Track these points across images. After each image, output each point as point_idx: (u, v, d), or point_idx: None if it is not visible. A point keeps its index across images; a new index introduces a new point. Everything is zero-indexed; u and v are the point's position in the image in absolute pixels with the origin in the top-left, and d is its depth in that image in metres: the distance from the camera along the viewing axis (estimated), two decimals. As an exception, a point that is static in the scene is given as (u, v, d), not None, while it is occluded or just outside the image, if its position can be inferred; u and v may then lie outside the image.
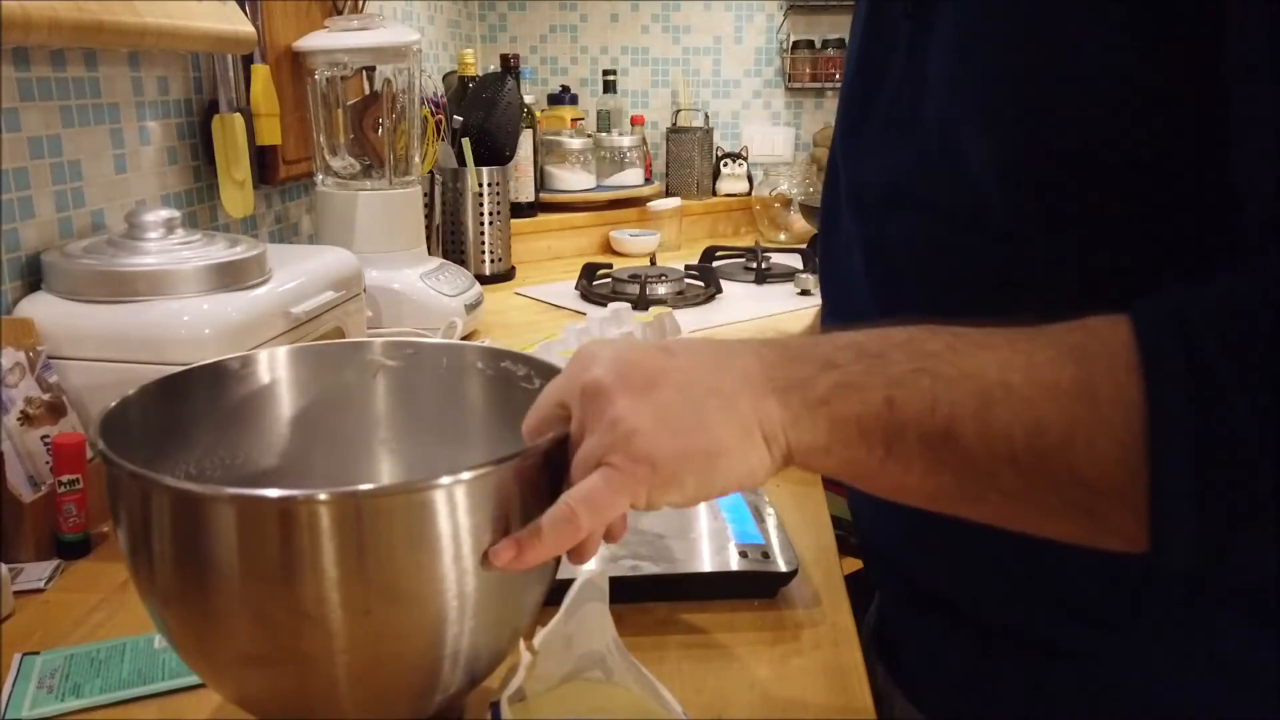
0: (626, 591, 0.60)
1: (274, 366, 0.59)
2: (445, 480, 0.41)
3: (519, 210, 1.84)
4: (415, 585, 0.42)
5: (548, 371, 0.55)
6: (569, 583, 0.49)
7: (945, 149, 0.52)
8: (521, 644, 0.48)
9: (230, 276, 0.83)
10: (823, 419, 0.42)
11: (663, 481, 0.42)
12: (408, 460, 0.62)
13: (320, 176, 1.27)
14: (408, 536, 0.41)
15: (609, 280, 1.58)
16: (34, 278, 0.84)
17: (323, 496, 0.40)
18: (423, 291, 1.24)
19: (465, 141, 1.55)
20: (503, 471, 0.43)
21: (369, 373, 0.61)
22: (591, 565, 0.48)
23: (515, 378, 0.58)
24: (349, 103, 1.28)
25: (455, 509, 0.42)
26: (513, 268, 1.70)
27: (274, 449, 0.59)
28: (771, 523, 0.69)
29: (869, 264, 0.60)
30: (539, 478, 0.45)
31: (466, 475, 0.42)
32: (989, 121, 0.49)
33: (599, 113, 2.23)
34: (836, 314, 0.69)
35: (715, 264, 1.74)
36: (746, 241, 2.02)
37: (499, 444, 0.56)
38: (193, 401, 0.55)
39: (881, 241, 0.59)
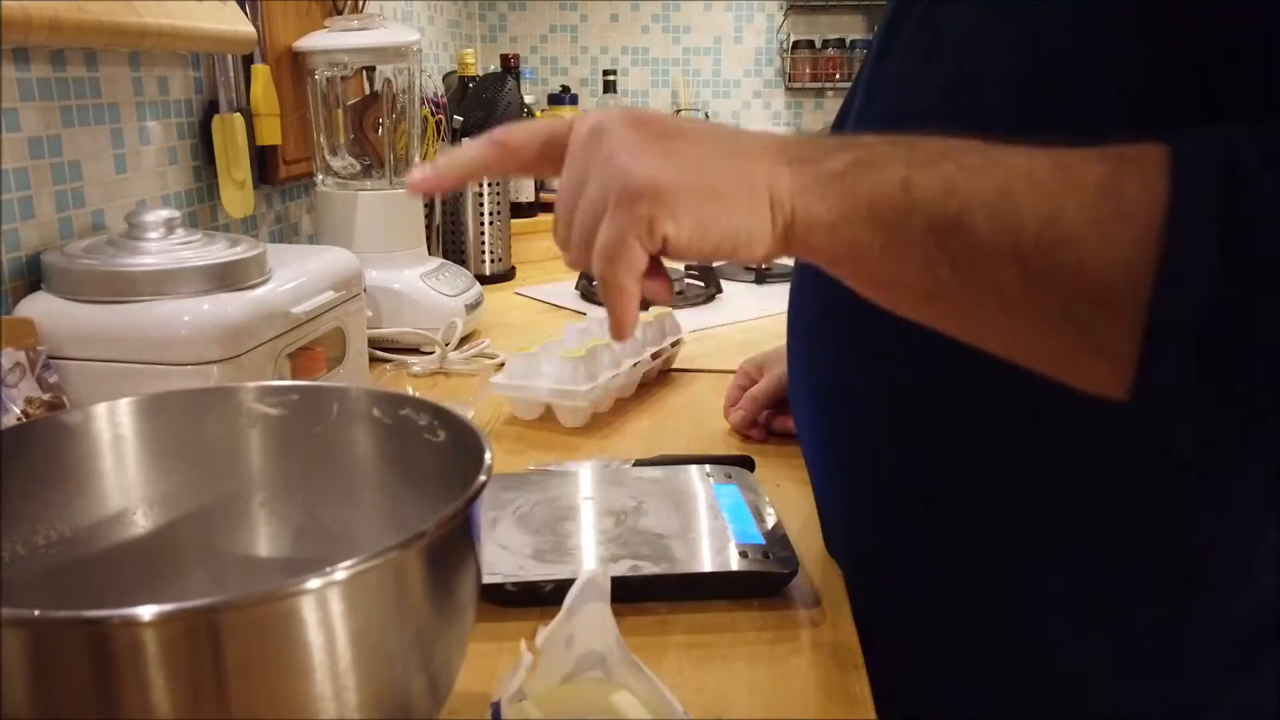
0: (626, 591, 0.60)
1: (118, 421, 0.51)
2: (314, 584, 0.33)
3: (519, 210, 1.84)
4: (280, 712, 0.34)
5: (453, 422, 0.49)
6: (570, 583, 0.49)
7: (961, 75, 0.52)
8: (523, 644, 0.48)
9: (230, 276, 0.83)
10: (835, 191, 0.42)
11: (664, 209, 0.42)
12: (293, 525, 0.55)
13: (320, 176, 1.27)
14: (268, 658, 0.33)
15: (609, 280, 1.58)
16: (34, 278, 0.84)
17: (147, 618, 0.31)
18: (423, 291, 1.24)
19: (465, 141, 1.55)
20: (392, 562, 0.35)
21: (244, 423, 0.53)
22: (591, 565, 0.48)
23: (416, 427, 0.51)
24: (349, 103, 1.28)
25: (329, 615, 0.34)
26: (513, 268, 1.70)
27: (124, 520, 0.51)
28: (771, 523, 0.69)
29: None
30: (441, 558, 0.38)
31: (341, 574, 0.33)
32: (1001, 68, 0.50)
33: (599, 113, 2.23)
34: None
35: (715, 264, 1.74)
36: (746, 241, 2.02)
37: (398, 503, 0.52)
38: (19, 466, 0.47)
39: None
